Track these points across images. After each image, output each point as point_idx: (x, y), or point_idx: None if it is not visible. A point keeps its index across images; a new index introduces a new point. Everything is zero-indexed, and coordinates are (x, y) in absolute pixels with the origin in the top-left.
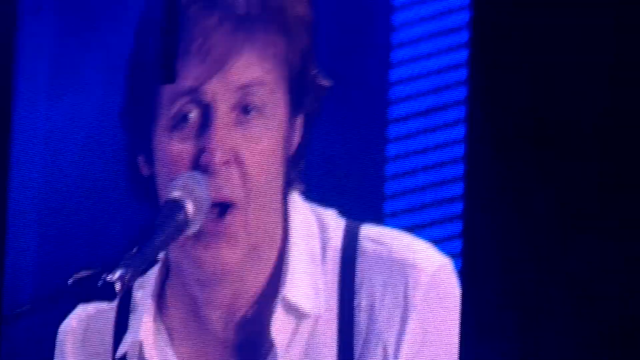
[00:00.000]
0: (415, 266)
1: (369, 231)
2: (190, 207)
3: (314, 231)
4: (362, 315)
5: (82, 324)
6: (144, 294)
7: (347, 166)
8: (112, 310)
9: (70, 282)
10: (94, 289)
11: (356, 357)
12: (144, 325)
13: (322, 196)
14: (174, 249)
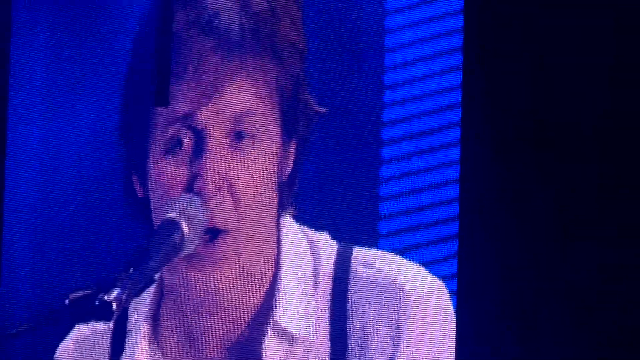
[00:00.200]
0: (406, 290)
1: (361, 254)
2: (186, 228)
3: (306, 255)
4: (353, 339)
5: (78, 346)
6: (139, 317)
7: (341, 188)
8: (108, 332)
9: (66, 302)
10: (90, 309)
11: None
12: (139, 349)
13: (316, 218)
14: (168, 272)
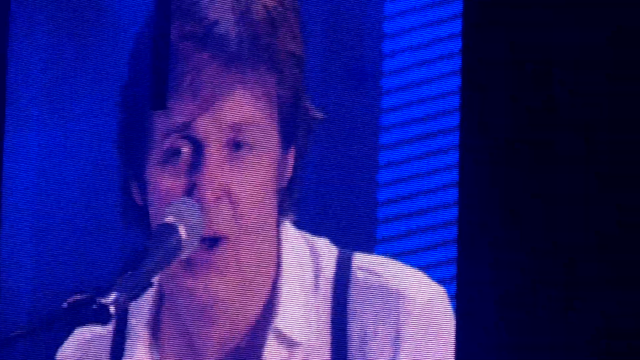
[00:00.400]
0: (407, 296)
1: (361, 260)
2: (183, 231)
3: (306, 260)
4: (354, 345)
5: (78, 350)
6: (138, 321)
7: (338, 193)
8: (108, 336)
9: (64, 306)
10: (88, 313)
11: None
12: (138, 353)
13: (314, 224)
14: (167, 278)
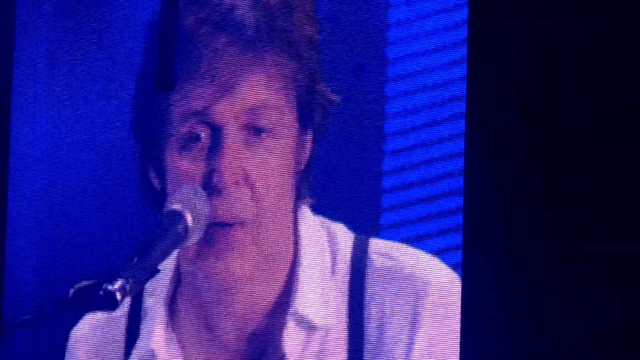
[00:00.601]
0: (423, 281)
1: (378, 245)
2: (189, 218)
3: (324, 245)
4: (371, 327)
5: (93, 331)
6: (155, 301)
7: (345, 179)
8: (124, 317)
9: (71, 292)
10: (94, 299)
11: None
12: (155, 333)
13: (326, 210)
14: (185, 260)
